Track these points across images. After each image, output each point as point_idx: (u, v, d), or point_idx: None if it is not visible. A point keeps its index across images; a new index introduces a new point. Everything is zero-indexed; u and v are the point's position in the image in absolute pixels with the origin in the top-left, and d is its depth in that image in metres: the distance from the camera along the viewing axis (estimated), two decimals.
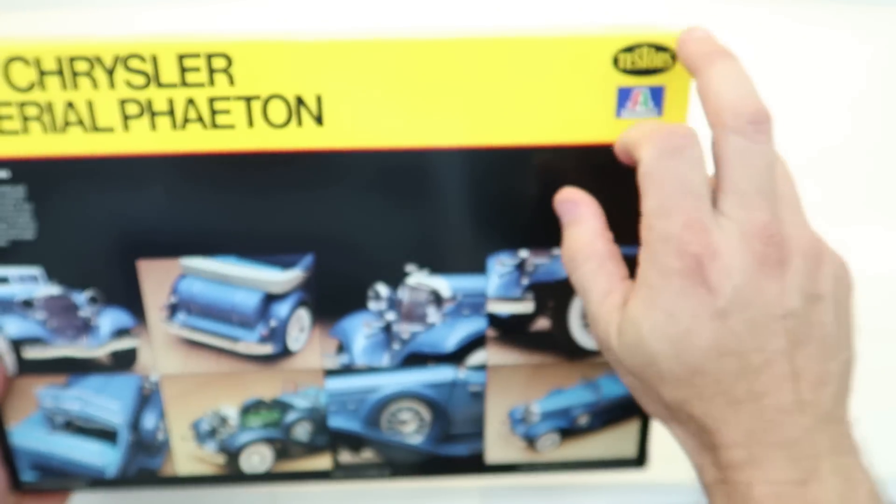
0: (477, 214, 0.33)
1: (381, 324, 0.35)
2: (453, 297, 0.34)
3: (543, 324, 0.35)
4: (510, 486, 0.46)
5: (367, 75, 0.30)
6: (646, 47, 0.30)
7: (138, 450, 0.37)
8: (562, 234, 0.31)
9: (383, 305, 0.34)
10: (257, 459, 0.37)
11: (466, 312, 0.35)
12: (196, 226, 0.32)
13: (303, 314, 0.34)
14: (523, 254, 0.34)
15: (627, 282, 0.28)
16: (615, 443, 0.38)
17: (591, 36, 0.30)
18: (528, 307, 0.35)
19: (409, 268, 0.34)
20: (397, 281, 0.34)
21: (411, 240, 0.33)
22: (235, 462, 0.37)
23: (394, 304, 0.34)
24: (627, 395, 0.37)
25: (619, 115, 0.32)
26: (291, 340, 0.35)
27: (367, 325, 0.35)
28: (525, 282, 0.34)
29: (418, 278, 0.34)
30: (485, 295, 0.34)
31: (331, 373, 0.36)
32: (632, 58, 0.31)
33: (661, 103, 0.31)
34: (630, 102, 0.31)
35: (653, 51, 0.31)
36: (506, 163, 0.32)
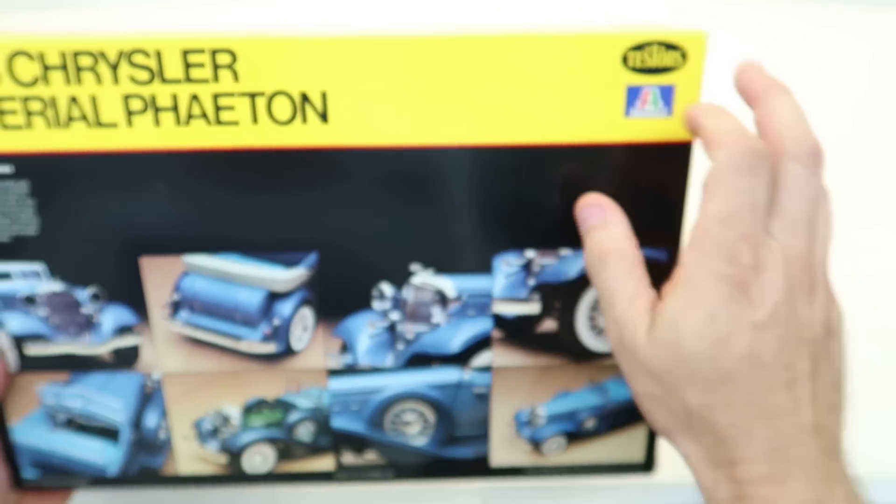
0: (483, 214, 0.32)
1: (386, 324, 0.34)
2: (458, 298, 0.34)
3: (550, 325, 0.35)
4: (511, 487, 0.46)
5: (373, 72, 0.30)
6: (656, 45, 0.30)
7: (140, 448, 0.36)
8: (584, 238, 0.31)
9: (388, 305, 0.34)
10: (259, 460, 0.37)
11: (472, 313, 0.34)
12: (199, 223, 0.32)
13: (306, 313, 0.34)
14: (530, 254, 0.33)
15: (652, 289, 0.29)
16: (622, 447, 0.38)
17: (599, 33, 0.30)
18: (534, 308, 0.34)
19: (414, 267, 0.33)
20: (402, 280, 0.33)
21: (416, 239, 0.33)
22: (237, 462, 0.37)
23: (398, 303, 0.34)
24: None
25: (627, 114, 0.31)
26: (294, 340, 0.34)
27: (371, 325, 0.34)
28: (531, 282, 0.34)
29: (423, 278, 0.33)
30: (490, 295, 0.34)
31: (334, 373, 0.35)
32: (641, 56, 0.30)
33: (671, 103, 0.31)
34: (639, 101, 0.31)
35: (663, 49, 0.30)
36: (513, 162, 0.31)
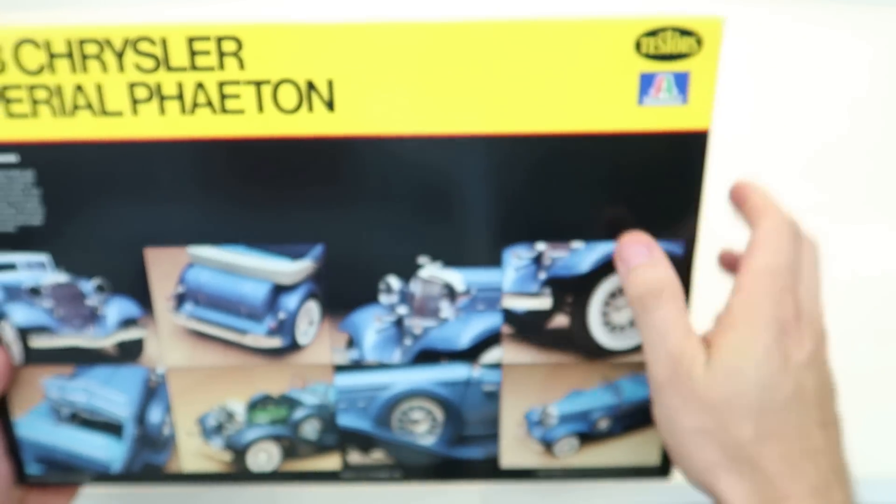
0: (492, 204, 0.32)
1: (393, 318, 0.34)
2: (467, 291, 0.33)
3: (561, 321, 0.34)
4: (511, 486, 0.45)
5: (380, 59, 0.29)
6: (670, 31, 0.29)
7: (143, 444, 0.36)
8: (630, 274, 0.31)
9: (395, 299, 0.33)
10: (264, 458, 0.36)
11: (481, 307, 0.33)
12: (204, 213, 0.32)
13: (312, 307, 0.33)
14: (540, 247, 0.32)
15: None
16: (637, 450, 0.37)
17: (611, 19, 0.29)
18: (545, 303, 0.33)
19: (422, 259, 0.33)
20: (409, 273, 0.33)
21: (424, 230, 0.32)
22: (242, 460, 0.36)
23: (406, 297, 0.33)
24: (649, 398, 0.35)
25: (641, 102, 0.30)
26: (300, 334, 0.34)
27: (377, 320, 0.34)
28: (542, 276, 0.33)
29: (431, 271, 0.33)
30: (500, 289, 0.33)
31: (340, 368, 0.35)
32: (655, 42, 0.29)
33: (685, 90, 0.30)
34: (653, 89, 0.30)
35: (677, 35, 0.29)
36: (523, 151, 0.31)
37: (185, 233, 0.32)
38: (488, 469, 0.37)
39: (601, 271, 0.33)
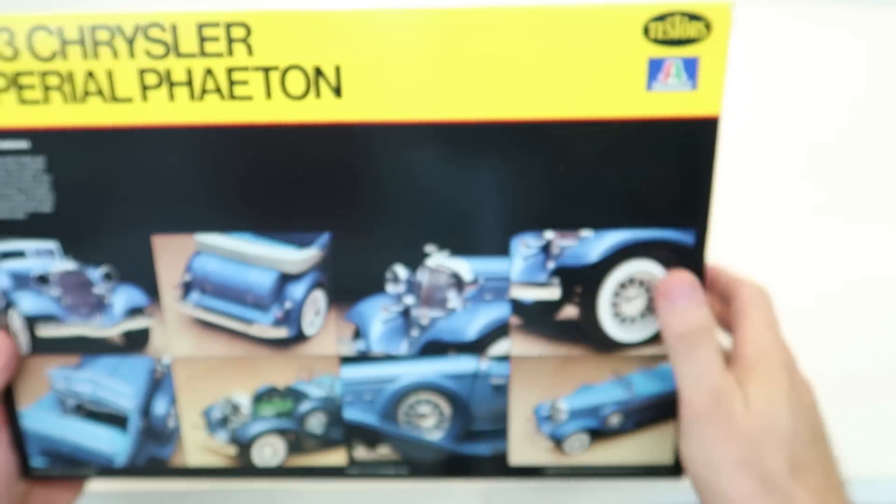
0: (500, 192, 0.31)
1: (400, 308, 0.33)
2: (475, 281, 0.33)
3: (570, 312, 0.33)
4: (511, 486, 0.44)
5: (388, 45, 0.29)
6: (678, 15, 0.29)
7: (148, 437, 0.35)
8: (674, 311, 0.32)
9: (402, 288, 0.33)
10: (269, 452, 0.36)
11: (489, 297, 0.33)
12: (212, 200, 0.32)
13: (318, 296, 0.33)
14: (549, 235, 0.32)
15: None
16: (649, 448, 0.36)
17: (619, 4, 0.29)
18: (553, 293, 0.33)
19: (429, 248, 0.32)
20: (416, 262, 0.33)
21: (431, 218, 0.32)
22: (247, 454, 0.36)
23: (413, 286, 0.33)
24: (661, 393, 0.35)
25: (650, 87, 0.30)
26: (306, 324, 0.34)
27: (384, 310, 0.33)
28: (550, 266, 0.33)
29: (438, 259, 0.32)
30: (508, 279, 0.33)
31: (346, 360, 0.34)
32: (663, 27, 0.29)
33: (695, 76, 0.30)
34: (662, 74, 0.30)
35: (686, 19, 0.29)
36: (531, 138, 0.30)
37: (193, 220, 0.32)
38: (497, 466, 0.36)
39: (611, 261, 0.32)
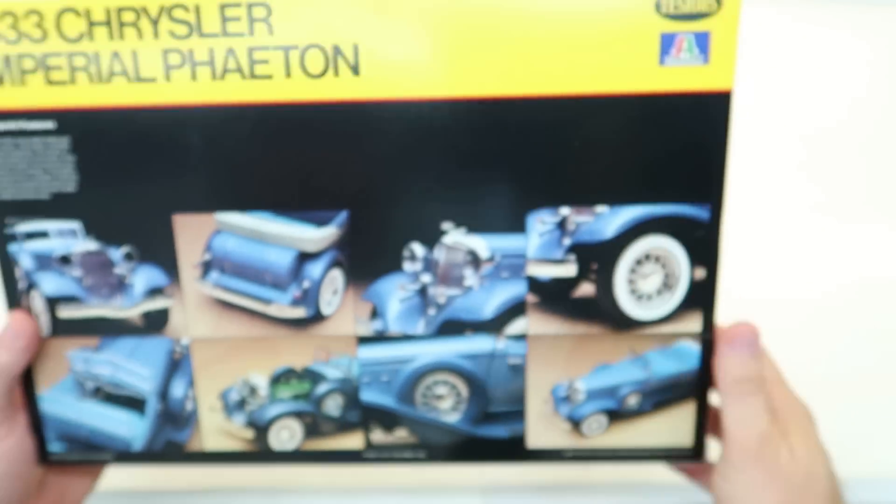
0: (516, 168, 0.32)
1: (417, 286, 0.33)
2: (491, 258, 0.33)
3: (587, 289, 0.33)
4: (511, 486, 0.44)
5: (404, 23, 0.30)
6: None
7: (166, 420, 0.35)
8: (737, 357, 0.33)
9: (419, 266, 0.33)
10: (287, 435, 0.36)
11: (505, 275, 0.33)
12: (232, 179, 0.32)
13: (336, 275, 0.33)
14: (564, 211, 0.32)
15: None
16: (669, 430, 0.36)
17: None
18: (570, 270, 0.33)
19: (446, 226, 0.33)
20: (433, 240, 0.33)
21: (448, 195, 0.32)
22: (264, 437, 0.36)
23: (430, 264, 0.33)
24: (679, 373, 0.34)
25: (662, 62, 0.31)
26: (324, 303, 0.34)
27: (402, 288, 0.33)
28: (566, 242, 0.33)
29: (455, 237, 0.33)
30: (524, 256, 0.33)
31: (364, 340, 0.34)
32: (675, 2, 0.30)
33: (706, 50, 0.30)
34: (674, 49, 0.30)
35: None
36: (545, 114, 0.31)
37: (213, 199, 0.33)
38: (514, 449, 0.36)
39: (627, 237, 0.33)
